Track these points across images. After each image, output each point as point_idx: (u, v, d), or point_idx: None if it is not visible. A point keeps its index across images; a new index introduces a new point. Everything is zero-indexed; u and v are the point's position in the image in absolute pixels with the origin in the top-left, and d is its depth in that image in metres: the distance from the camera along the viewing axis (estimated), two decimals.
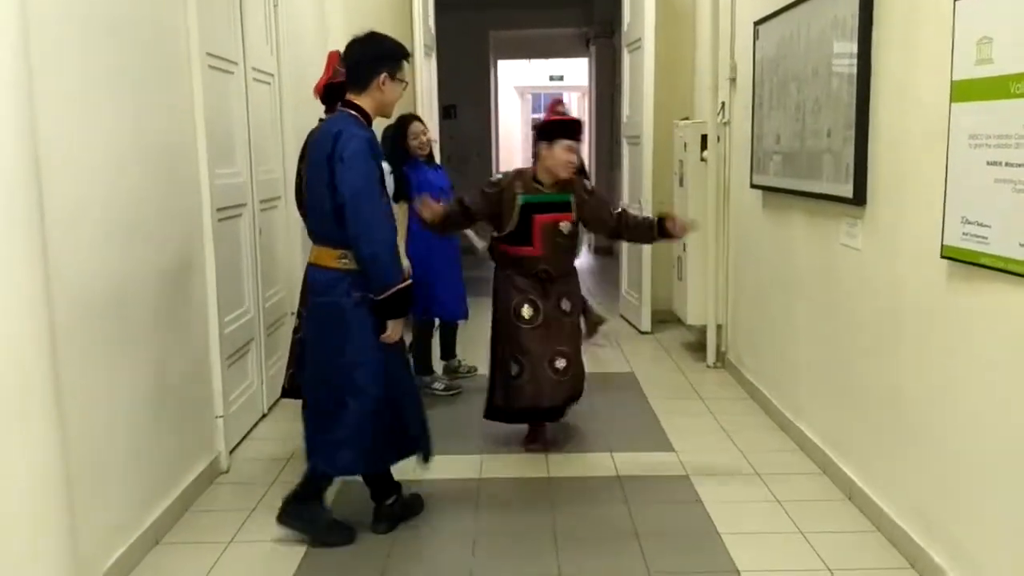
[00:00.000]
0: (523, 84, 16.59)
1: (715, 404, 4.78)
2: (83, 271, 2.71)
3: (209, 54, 3.74)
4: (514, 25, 11.25)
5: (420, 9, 6.36)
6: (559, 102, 4.17)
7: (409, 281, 3.04)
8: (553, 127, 3.94)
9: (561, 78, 16.16)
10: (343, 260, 3.00)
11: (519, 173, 4.03)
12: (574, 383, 4.01)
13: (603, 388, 4.92)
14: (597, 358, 5.18)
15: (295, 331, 4.00)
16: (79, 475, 2.58)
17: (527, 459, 4.02)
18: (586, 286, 4.60)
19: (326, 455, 3.11)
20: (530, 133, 4.11)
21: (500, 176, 4.12)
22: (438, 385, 5.04)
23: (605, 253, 11.10)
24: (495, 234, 4.01)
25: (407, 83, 3.18)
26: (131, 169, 3.06)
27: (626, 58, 6.98)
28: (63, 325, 2.50)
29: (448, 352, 5.32)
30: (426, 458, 3.30)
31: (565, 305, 4.00)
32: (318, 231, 3.11)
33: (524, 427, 4.17)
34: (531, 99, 17.71)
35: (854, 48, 3.32)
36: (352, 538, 3.20)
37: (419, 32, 6.32)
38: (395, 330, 3.05)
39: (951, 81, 2.61)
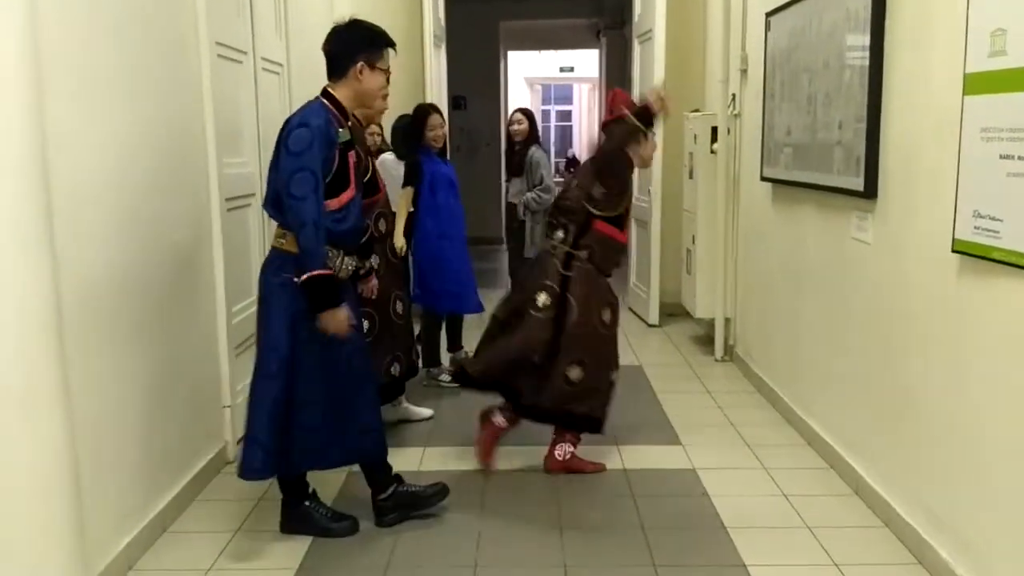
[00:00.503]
0: (533, 75, 16.54)
1: (723, 398, 4.77)
2: (90, 260, 2.71)
3: (218, 43, 3.73)
4: (524, 16, 11.20)
5: None
6: (625, 93, 3.97)
7: (328, 271, 2.90)
8: (654, 117, 3.67)
9: (572, 69, 16.13)
10: (280, 240, 3.00)
11: None
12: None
13: None
14: None
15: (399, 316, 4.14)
16: (87, 463, 2.59)
17: (533, 451, 4.00)
18: None
19: (244, 456, 3.01)
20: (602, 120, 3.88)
21: None
22: (444, 377, 5.05)
23: None
24: (602, 214, 3.62)
25: (390, 72, 3.10)
26: (139, 158, 3.06)
27: (636, 49, 6.95)
28: (70, 314, 2.51)
29: (454, 344, 5.32)
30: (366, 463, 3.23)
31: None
32: (270, 212, 3.10)
33: (532, 425, 4.13)
34: (541, 90, 17.66)
35: (866, 40, 3.29)
36: (355, 528, 3.19)
37: (429, 23, 6.31)
38: (327, 322, 2.90)
39: (964, 73, 2.58)
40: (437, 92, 6.64)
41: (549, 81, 17.34)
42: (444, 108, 6.62)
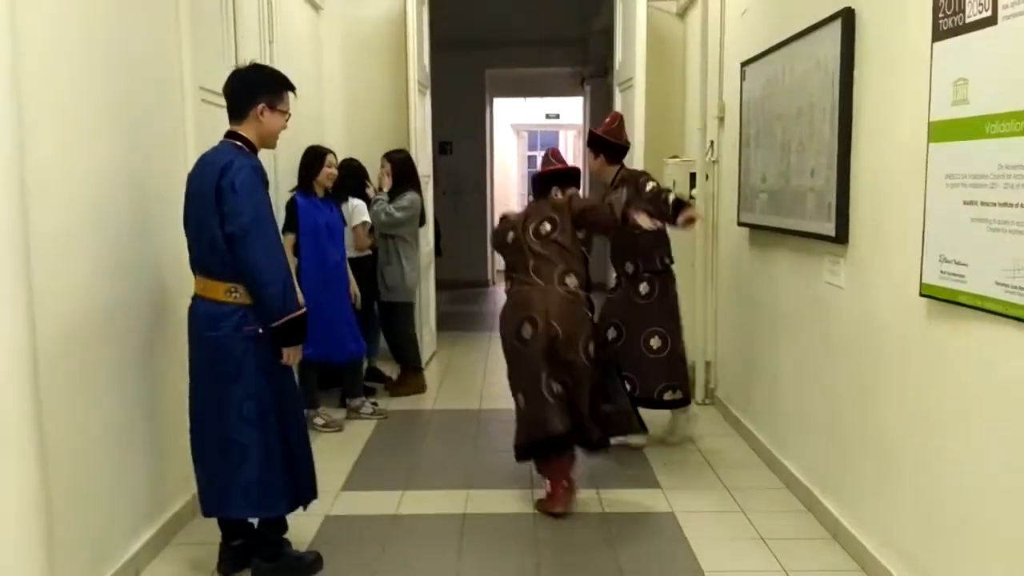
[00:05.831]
0: (519, 122, 16.72)
1: (703, 441, 4.77)
2: (71, 301, 2.72)
3: (203, 88, 3.78)
4: (510, 64, 11.37)
5: (415, 48, 6.44)
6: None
7: (303, 310, 2.99)
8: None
9: (557, 117, 16.29)
10: (233, 294, 2.92)
11: None
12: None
13: None
14: None
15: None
16: (61, 503, 2.57)
17: (513, 495, 3.99)
18: None
19: (241, 499, 3.00)
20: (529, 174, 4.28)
21: None
22: (318, 420, 5.01)
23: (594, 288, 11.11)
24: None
25: (290, 114, 3.13)
26: (122, 202, 3.09)
27: (618, 97, 7.05)
28: (49, 355, 2.51)
29: (353, 391, 5.28)
30: (306, 504, 3.18)
31: None
32: (202, 264, 2.97)
33: (514, 468, 4.12)
34: (527, 136, 17.86)
35: (836, 89, 3.38)
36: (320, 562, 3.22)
37: (413, 70, 6.40)
38: (293, 355, 2.99)
39: (928, 122, 2.65)
40: (421, 137, 6.72)
41: (535, 128, 17.54)
42: (428, 152, 6.70)
